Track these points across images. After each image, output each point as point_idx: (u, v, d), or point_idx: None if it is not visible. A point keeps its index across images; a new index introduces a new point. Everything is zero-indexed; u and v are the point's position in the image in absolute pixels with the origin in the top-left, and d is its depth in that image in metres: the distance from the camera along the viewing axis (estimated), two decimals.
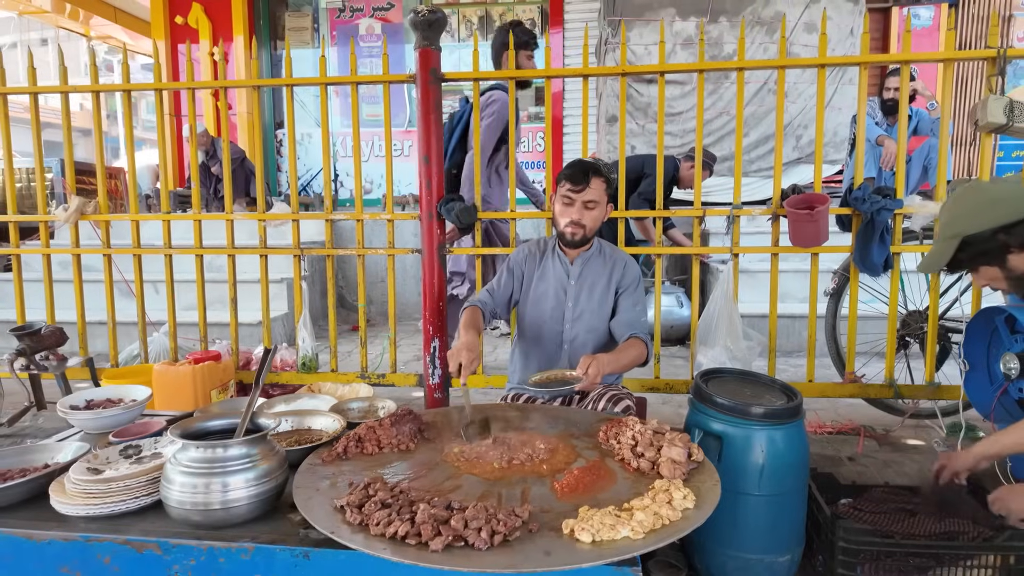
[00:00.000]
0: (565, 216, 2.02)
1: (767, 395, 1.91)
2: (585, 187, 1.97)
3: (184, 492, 1.24)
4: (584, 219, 2.01)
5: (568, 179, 1.99)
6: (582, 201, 1.99)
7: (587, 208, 2.00)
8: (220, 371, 2.52)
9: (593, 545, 1.07)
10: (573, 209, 2.00)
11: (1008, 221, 1.53)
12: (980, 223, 1.56)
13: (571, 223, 2.02)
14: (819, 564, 1.98)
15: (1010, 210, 1.54)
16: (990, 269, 1.60)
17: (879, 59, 2.35)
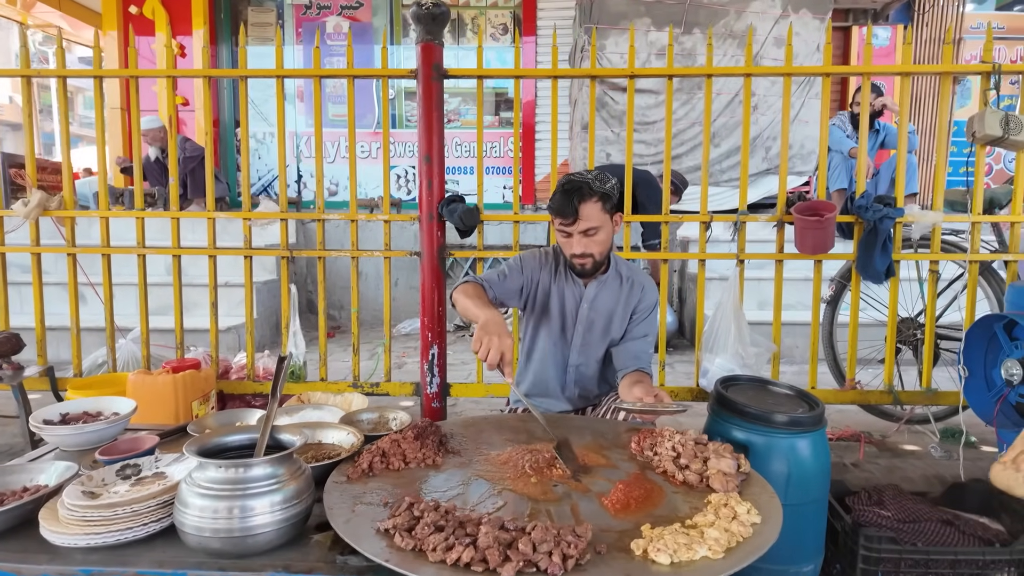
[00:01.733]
0: (567, 249, 1.83)
1: (787, 403, 1.88)
2: (575, 219, 1.74)
3: (203, 517, 1.10)
4: (588, 248, 1.79)
5: (556, 213, 1.76)
6: (579, 232, 1.77)
7: (588, 236, 1.78)
8: (202, 381, 2.34)
9: (672, 567, 1.00)
10: (573, 241, 1.79)
11: None
12: None
13: (575, 256, 1.82)
14: (836, 572, 1.97)
15: None
16: None
17: (841, 70, 2.46)
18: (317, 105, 2.46)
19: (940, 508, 2.03)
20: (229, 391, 2.55)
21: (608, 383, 2.04)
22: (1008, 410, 2.10)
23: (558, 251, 1.99)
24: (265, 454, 1.20)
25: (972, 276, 2.39)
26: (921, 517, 1.95)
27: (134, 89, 2.43)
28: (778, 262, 2.43)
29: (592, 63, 2.36)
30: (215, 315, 2.54)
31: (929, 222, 2.29)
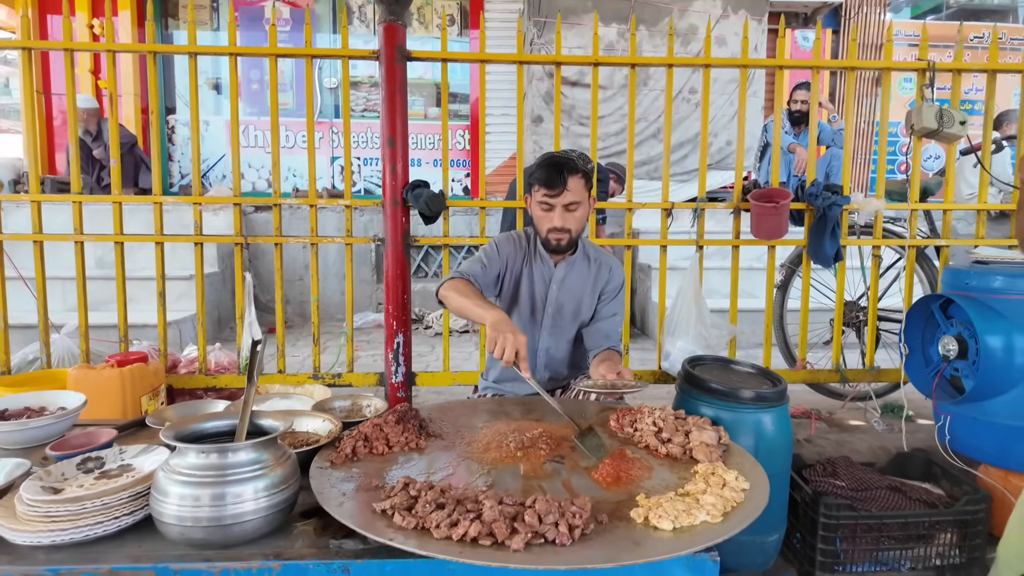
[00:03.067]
0: (546, 222, 1.83)
1: (751, 380, 1.95)
2: (563, 190, 1.77)
3: (184, 506, 1.04)
4: (568, 223, 1.82)
5: (543, 183, 1.78)
6: (562, 204, 1.79)
7: (569, 211, 1.81)
8: (150, 374, 2.20)
9: (675, 532, 1.02)
10: (554, 215, 1.81)
11: None
12: None
13: (554, 230, 1.83)
14: (797, 541, 2.06)
15: None
16: None
17: (759, 63, 2.60)
18: (273, 86, 2.36)
19: (887, 476, 2.16)
20: (179, 385, 2.41)
21: (578, 366, 2.06)
22: (944, 384, 2.26)
23: (529, 234, 2.01)
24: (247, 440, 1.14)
25: (910, 260, 2.55)
26: (872, 485, 2.07)
27: (68, 64, 2.25)
28: (734, 248, 2.52)
29: (557, 49, 2.37)
30: (163, 305, 2.39)
31: (873, 209, 2.43)
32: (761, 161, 5.18)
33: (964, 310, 2.07)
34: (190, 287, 4.24)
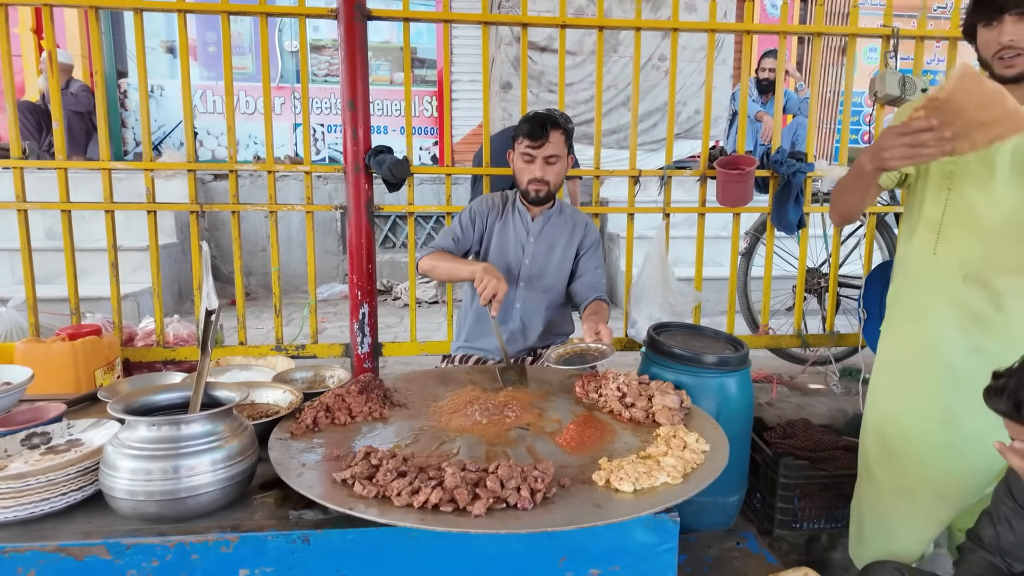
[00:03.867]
0: (527, 174, 1.93)
1: (715, 345, 1.98)
2: (544, 142, 1.88)
3: (136, 480, 1.01)
4: (547, 175, 1.93)
5: (526, 135, 1.88)
6: (543, 157, 1.90)
7: (549, 163, 1.92)
8: (105, 348, 2.12)
9: (636, 494, 1.03)
10: (535, 166, 1.92)
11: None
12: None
13: (534, 180, 1.93)
14: (757, 501, 2.13)
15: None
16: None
17: (727, 27, 2.58)
18: (227, 46, 2.24)
19: (844, 437, 2.23)
20: (136, 359, 2.34)
21: (552, 335, 2.07)
22: None
23: (507, 195, 2.09)
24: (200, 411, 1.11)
25: (870, 228, 2.60)
26: (829, 446, 2.14)
27: (3, 20, 2.10)
28: (700, 216, 2.53)
29: (523, 10, 2.30)
30: (115, 276, 2.30)
31: (836, 176, 2.46)
32: (731, 129, 5.19)
33: None
34: (146, 258, 4.06)
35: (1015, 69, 1.36)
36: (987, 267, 1.43)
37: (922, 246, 1.51)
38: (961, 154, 1.23)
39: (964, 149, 1.22)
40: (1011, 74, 1.37)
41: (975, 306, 1.44)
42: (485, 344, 2.07)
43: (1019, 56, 1.35)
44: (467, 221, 2.02)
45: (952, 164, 1.46)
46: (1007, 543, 1.31)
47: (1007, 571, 1.32)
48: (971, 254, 1.44)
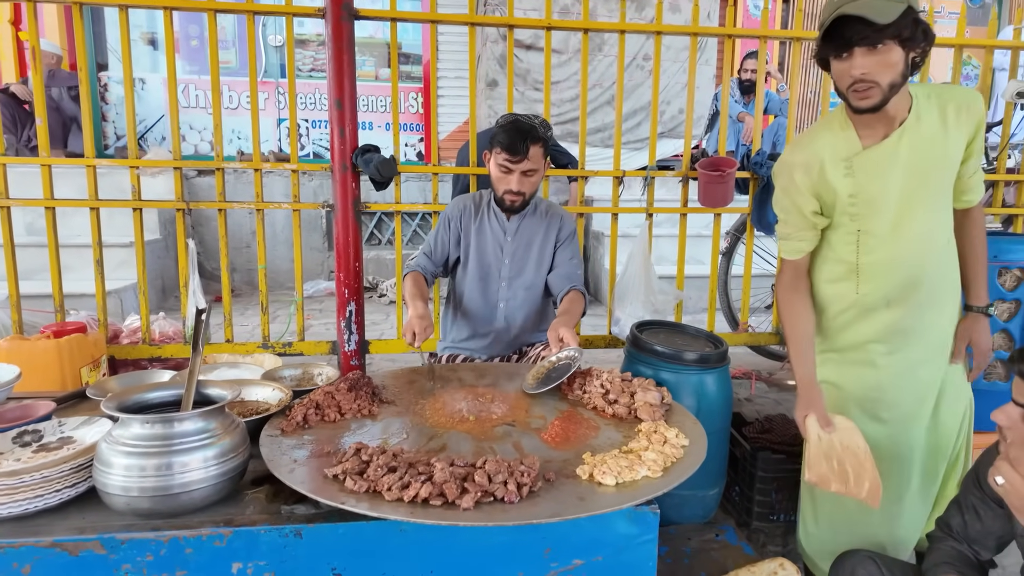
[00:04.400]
0: (503, 184, 1.92)
1: (695, 343, 2.03)
2: (524, 157, 1.85)
3: (130, 476, 1.03)
4: (524, 187, 1.91)
5: (506, 149, 1.85)
6: (521, 171, 1.88)
7: (526, 176, 1.90)
8: (90, 345, 2.12)
9: (618, 487, 1.07)
10: (512, 178, 1.89)
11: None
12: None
13: (510, 192, 1.92)
14: (736, 494, 2.18)
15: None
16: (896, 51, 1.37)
17: (708, 31, 2.61)
18: (213, 43, 2.24)
19: None
20: (121, 356, 2.33)
21: (537, 330, 2.10)
22: None
23: (482, 195, 2.09)
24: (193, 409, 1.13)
25: None
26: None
27: None
28: (682, 215, 2.58)
29: (509, 11, 2.33)
30: (100, 273, 2.29)
31: None
32: (711, 129, 5.26)
33: None
34: (130, 255, 4.07)
35: (869, 101, 1.37)
36: (905, 292, 1.53)
37: (845, 287, 1.59)
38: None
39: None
40: (865, 105, 1.38)
41: (898, 322, 1.55)
42: (472, 344, 2.09)
43: (872, 88, 1.35)
44: (442, 231, 2.04)
45: (852, 200, 1.51)
46: (974, 531, 1.37)
47: (974, 559, 1.38)
48: (891, 284, 1.53)
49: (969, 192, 1.57)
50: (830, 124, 1.54)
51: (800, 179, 1.54)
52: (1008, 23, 6.69)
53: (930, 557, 1.43)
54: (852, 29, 1.30)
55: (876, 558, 1.45)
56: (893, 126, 1.46)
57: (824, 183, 1.52)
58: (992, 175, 2.66)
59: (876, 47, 1.31)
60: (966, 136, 1.48)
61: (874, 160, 1.48)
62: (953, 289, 1.61)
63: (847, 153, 1.50)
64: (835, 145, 1.51)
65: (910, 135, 1.45)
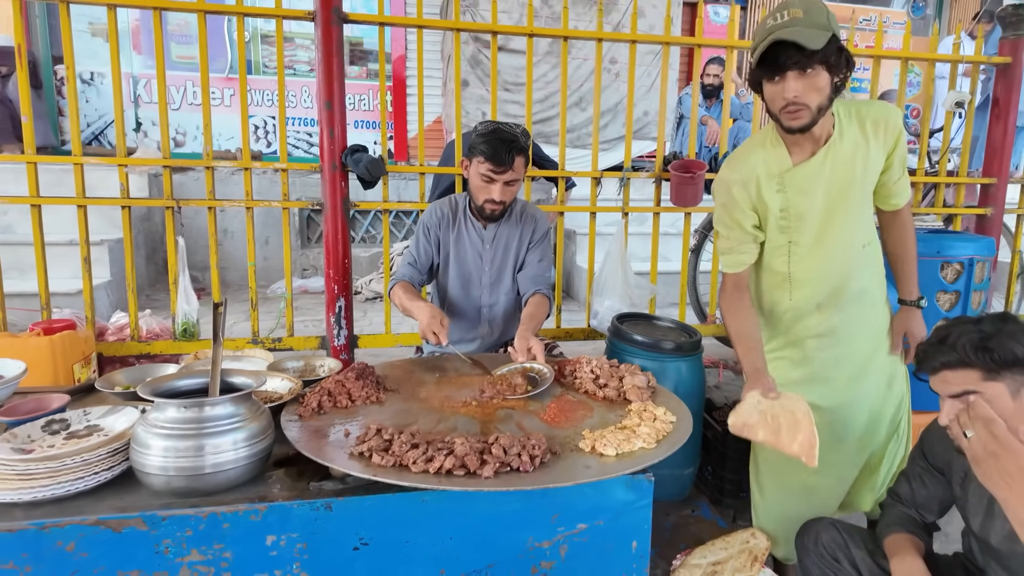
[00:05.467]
0: (485, 194, 1.92)
1: (671, 333, 2.18)
2: (508, 168, 1.87)
3: (167, 457, 1.10)
4: (505, 197, 1.93)
5: (490, 159, 1.85)
6: (504, 181, 1.89)
7: (508, 186, 1.92)
8: (81, 342, 2.14)
9: (618, 457, 1.19)
10: (494, 188, 1.89)
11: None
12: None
13: (491, 201, 1.93)
14: (708, 473, 2.35)
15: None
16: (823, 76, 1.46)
17: (682, 40, 2.76)
18: (203, 44, 2.27)
19: None
20: (110, 353, 2.35)
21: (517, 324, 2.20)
22: None
23: (458, 200, 2.11)
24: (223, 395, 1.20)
25: None
26: None
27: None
28: (655, 214, 2.73)
29: (493, 19, 2.43)
30: (88, 271, 2.30)
31: None
32: (678, 131, 5.47)
33: None
34: (100, 253, 4.02)
35: (800, 121, 1.48)
36: (833, 296, 1.68)
37: (780, 295, 1.73)
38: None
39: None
40: (796, 126, 1.49)
41: (827, 321, 1.70)
42: (458, 348, 2.14)
43: (802, 110, 1.46)
44: (423, 239, 2.06)
45: (783, 214, 1.64)
46: (920, 497, 1.55)
47: (921, 521, 1.56)
48: (820, 291, 1.68)
49: (895, 196, 1.72)
50: (763, 142, 1.66)
51: (739, 194, 1.64)
52: (948, 33, 7.14)
53: (882, 521, 1.60)
54: (785, 54, 1.41)
55: (836, 524, 1.61)
56: (819, 144, 1.58)
57: (760, 198, 1.63)
58: (934, 178, 2.90)
59: (806, 71, 1.41)
60: (885, 149, 1.61)
61: (802, 176, 1.60)
62: (878, 287, 1.75)
63: (779, 170, 1.61)
64: (768, 162, 1.62)
65: (834, 152, 1.58)
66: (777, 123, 1.56)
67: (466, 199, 2.09)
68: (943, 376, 1.24)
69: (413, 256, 2.07)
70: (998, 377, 1.20)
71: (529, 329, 1.80)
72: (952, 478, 1.47)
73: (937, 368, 1.24)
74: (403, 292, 1.97)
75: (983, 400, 1.19)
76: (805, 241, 1.64)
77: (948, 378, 1.23)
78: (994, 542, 1.32)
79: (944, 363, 1.23)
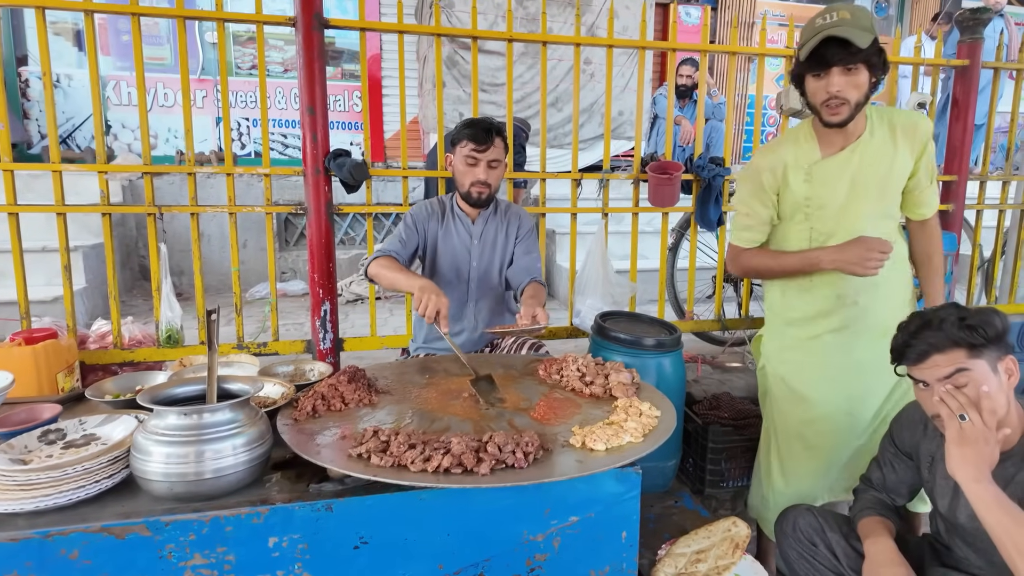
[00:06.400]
0: (470, 176, 2.02)
1: (652, 330, 2.25)
2: (489, 146, 1.98)
3: (169, 463, 1.12)
4: (490, 178, 2.03)
5: (471, 139, 1.98)
6: (487, 161, 2.01)
7: (491, 167, 2.02)
8: (64, 351, 2.12)
9: (608, 452, 1.25)
10: (479, 169, 2.01)
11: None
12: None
13: (477, 183, 2.03)
14: (690, 465, 2.42)
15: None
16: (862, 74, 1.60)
17: (657, 45, 2.83)
18: (183, 48, 2.27)
19: (759, 407, 2.56)
20: (93, 361, 2.33)
21: (511, 312, 2.25)
22: None
23: (444, 200, 2.20)
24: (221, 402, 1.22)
25: None
26: (748, 414, 2.46)
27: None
28: (634, 214, 2.80)
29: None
30: (69, 279, 2.28)
31: None
32: (651, 132, 5.56)
33: None
34: (74, 260, 3.95)
35: (839, 116, 1.61)
36: (853, 286, 1.77)
37: (797, 281, 1.83)
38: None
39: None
40: (836, 120, 1.61)
41: (846, 311, 1.79)
42: (444, 344, 2.16)
43: (843, 105, 1.59)
44: (409, 227, 2.10)
45: (807, 202, 1.75)
46: (891, 482, 1.63)
47: (891, 504, 1.64)
48: (838, 278, 1.76)
49: (923, 206, 1.83)
50: (796, 136, 1.79)
51: (767, 180, 1.78)
52: (910, 34, 7.36)
53: (855, 505, 1.68)
54: (832, 51, 1.53)
55: (813, 510, 1.69)
56: (850, 140, 1.70)
57: (785, 185, 1.76)
58: None
59: (850, 68, 1.55)
60: (913, 155, 1.73)
61: (829, 168, 1.72)
62: (902, 287, 1.84)
63: (807, 162, 1.73)
64: (797, 154, 1.75)
65: (862, 149, 1.70)
66: (817, 116, 1.66)
67: (452, 198, 2.17)
68: (933, 360, 1.30)
69: (401, 237, 2.09)
70: (981, 354, 1.28)
71: (536, 303, 1.86)
72: (920, 463, 1.56)
73: (925, 352, 1.31)
74: (389, 263, 1.94)
75: (972, 377, 1.26)
76: (825, 229, 1.75)
77: (938, 361, 1.29)
78: (961, 520, 1.40)
79: (933, 345, 1.29)
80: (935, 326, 1.31)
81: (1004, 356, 1.31)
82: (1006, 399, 1.30)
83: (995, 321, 1.29)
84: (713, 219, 2.78)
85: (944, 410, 1.27)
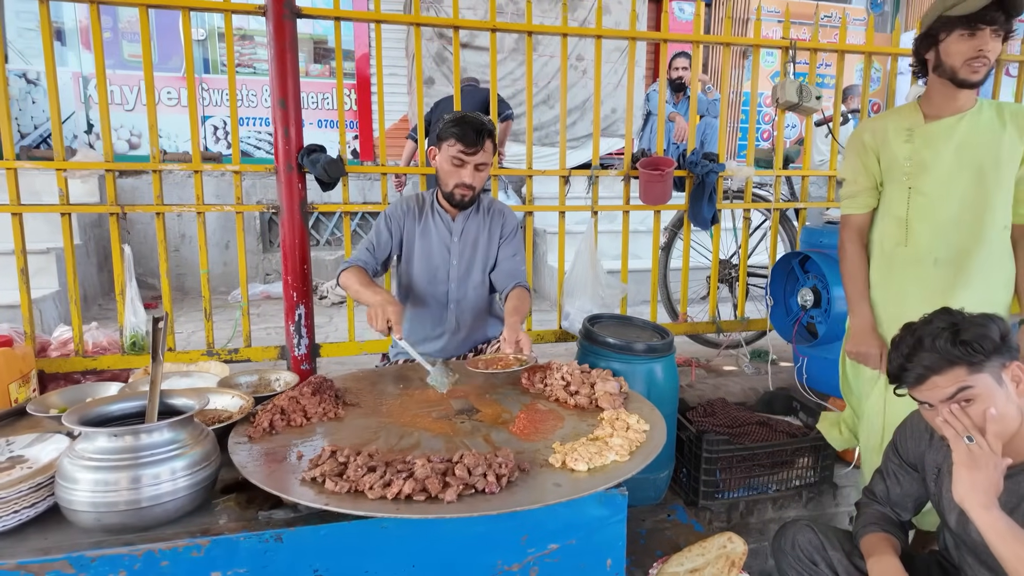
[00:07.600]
0: (455, 178, 1.90)
1: (643, 334, 2.14)
2: (479, 150, 1.86)
3: (97, 491, 1.00)
4: (475, 181, 1.91)
5: (460, 140, 1.84)
6: (474, 164, 1.88)
7: (478, 170, 1.90)
8: (19, 359, 1.99)
9: (590, 472, 1.13)
10: (465, 172, 1.88)
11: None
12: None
13: (462, 185, 1.90)
14: (683, 475, 2.31)
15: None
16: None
17: (646, 35, 2.71)
18: (145, 39, 2.15)
19: (756, 413, 2.46)
20: (52, 370, 2.20)
21: (490, 325, 2.13)
22: (802, 330, 2.58)
23: (422, 196, 2.07)
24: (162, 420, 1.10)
25: (775, 222, 2.86)
26: (744, 422, 2.35)
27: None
28: (625, 213, 2.68)
29: (454, 12, 2.35)
30: (26, 282, 2.16)
31: (744, 176, 2.69)
32: (644, 128, 5.44)
33: (818, 264, 2.36)
34: (47, 262, 3.81)
35: (978, 75, 1.66)
36: (952, 251, 1.75)
37: (893, 240, 1.83)
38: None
39: None
40: (976, 79, 1.67)
41: (943, 286, 1.76)
42: (425, 347, 2.06)
43: (985, 65, 1.64)
44: (383, 229, 2.00)
45: (907, 162, 1.77)
46: (895, 495, 1.52)
47: (896, 519, 1.54)
48: (937, 242, 1.76)
49: (1022, 204, 1.78)
50: (899, 109, 1.86)
51: (869, 140, 1.84)
52: (907, 29, 7.28)
53: (859, 520, 1.58)
54: (992, 14, 1.59)
55: (812, 526, 1.58)
56: (958, 111, 1.73)
57: (885, 143, 1.81)
58: None
59: (999, 32, 1.63)
60: (1022, 141, 1.73)
61: (932, 132, 1.75)
62: (1004, 280, 1.79)
63: (910, 125, 1.78)
64: (899, 120, 1.81)
65: (970, 120, 1.73)
66: (951, 78, 1.68)
67: (432, 193, 2.05)
68: (932, 382, 1.20)
69: (372, 244, 2.01)
70: (983, 367, 1.18)
71: (517, 322, 1.77)
72: (926, 474, 1.45)
73: (923, 375, 1.21)
74: (355, 276, 1.89)
75: (977, 394, 1.16)
76: (926, 191, 1.76)
77: (937, 383, 1.20)
78: (973, 536, 1.29)
79: (929, 367, 1.20)
80: (928, 346, 1.21)
81: (1009, 363, 1.20)
82: (1016, 410, 1.20)
83: (992, 330, 1.19)
84: (707, 217, 2.67)
85: (949, 432, 1.18)
